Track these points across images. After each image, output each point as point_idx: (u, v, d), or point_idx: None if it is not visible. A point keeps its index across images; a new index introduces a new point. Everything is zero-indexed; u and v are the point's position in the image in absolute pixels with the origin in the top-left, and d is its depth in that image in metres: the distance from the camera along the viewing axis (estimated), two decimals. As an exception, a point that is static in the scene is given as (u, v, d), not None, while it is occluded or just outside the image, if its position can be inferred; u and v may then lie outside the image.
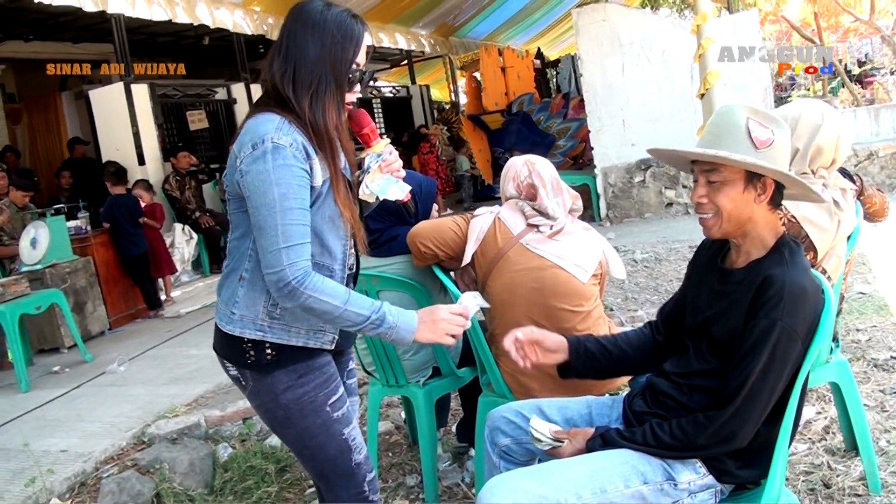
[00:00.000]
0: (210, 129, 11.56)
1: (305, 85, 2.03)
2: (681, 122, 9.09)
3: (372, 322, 2.00)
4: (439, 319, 2.07)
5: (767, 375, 1.95)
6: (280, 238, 1.93)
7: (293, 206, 1.94)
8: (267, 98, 2.09)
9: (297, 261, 1.93)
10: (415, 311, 2.08)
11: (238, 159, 2.00)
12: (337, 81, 2.06)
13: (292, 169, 1.95)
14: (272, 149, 1.94)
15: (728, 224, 2.05)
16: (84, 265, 7.13)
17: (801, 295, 1.95)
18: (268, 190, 1.93)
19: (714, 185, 2.05)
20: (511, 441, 2.45)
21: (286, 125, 1.99)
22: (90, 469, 3.97)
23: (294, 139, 1.97)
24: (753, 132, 2.00)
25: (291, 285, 1.93)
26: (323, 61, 2.04)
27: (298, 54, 2.04)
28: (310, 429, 2.17)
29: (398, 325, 2.02)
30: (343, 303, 1.97)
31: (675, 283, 6.16)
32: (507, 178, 3.17)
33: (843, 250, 2.82)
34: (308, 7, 2.07)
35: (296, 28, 2.06)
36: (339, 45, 2.05)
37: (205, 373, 5.32)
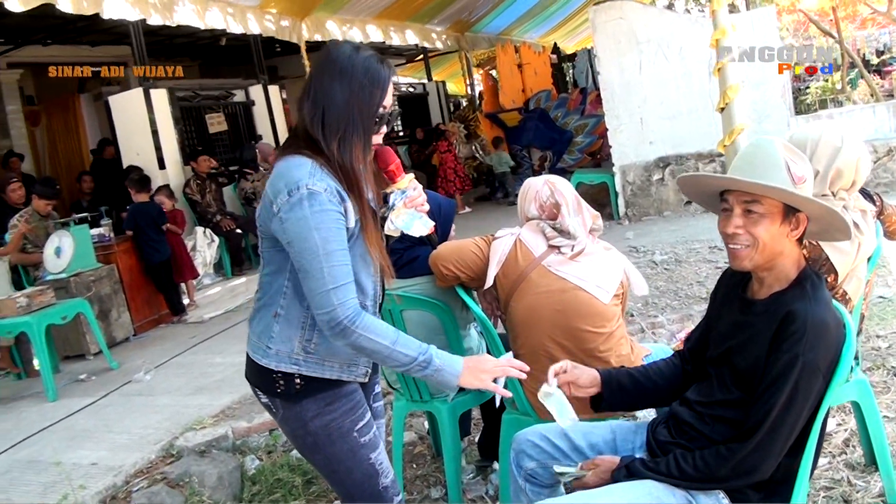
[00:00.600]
0: (229, 131, 11.62)
1: (334, 129, 2.08)
2: (699, 120, 9.07)
3: (419, 364, 2.07)
4: (486, 371, 2.13)
5: (790, 410, 1.98)
6: (327, 280, 2.00)
7: (335, 248, 2.01)
8: (297, 139, 2.15)
9: (345, 300, 2.01)
10: (461, 357, 2.13)
11: (275, 205, 2.05)
12: (364, 125, 2.11)
13: (329, 213, 2.01)
14: (308, 195, 2.00)
15: (761, 256, 2.08)
16: (108, 273, 7.22)
17: (824, 330, 1.98)
18: (309, 235, 2.00)
19: (752, 217, 2.07)
20: (536, 465, 2.50)
21: (318, 170, 2.04)
22: (120, 483, 4.04)
23: (328, 184, 2.03)
24: (792, 168, 2.05)
25: (343, 324, 2.00)
26: (351, 106, 2.09)
27: (327, 99, 2.09)
28: (337, 454, 2.24)
29: (443, 368, 2.08)
30: (392, 343, 2.05)
31: (696, 286, 6.16)
32: (528, 199, 3.19)
33: (863, 272, 2.84)
34: (337, 52, 2.13)
35: (324, 73, 2.11)
36: (367, 90, 2.10)
37: (230, 382, 5.38)
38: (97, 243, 7.39)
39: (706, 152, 9.10)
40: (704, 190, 2.24)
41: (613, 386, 2.40)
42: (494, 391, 2.16)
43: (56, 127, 13.26)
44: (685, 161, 9.26)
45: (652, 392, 2.43)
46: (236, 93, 11.96)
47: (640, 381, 2.43)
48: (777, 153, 2.07)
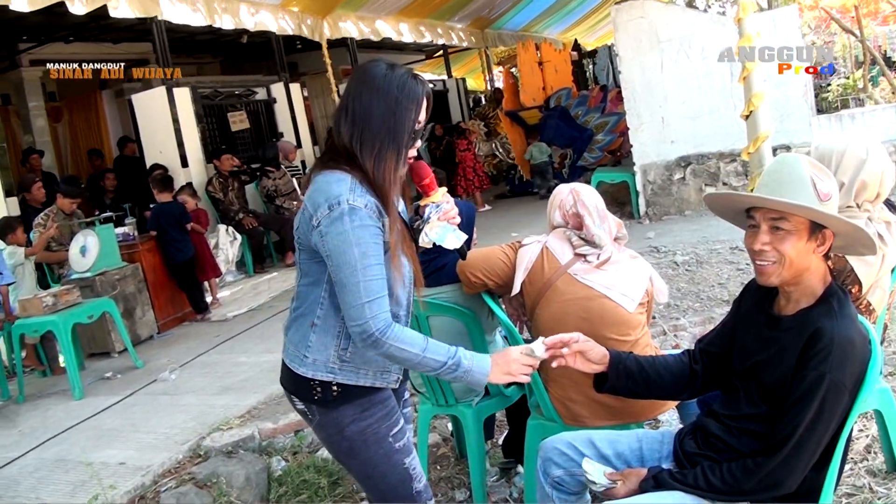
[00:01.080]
0: (251, 129, 11.70)
1: (370, 145, 2.14)
2: (720, 119, 9.04)
3: (448, 367, 2.14)
4: (512, 360, 2.20)
5: (815, 426, 2.01)
6: (362, 293, 2.06)
7: (372, 263, 2.08)
8: (335, 154, 2.20)
9: (378, 314, 2.07)
10: (488, 355, 2.20)
11: (315, 219, 2.11)
12: (399, 140, 2.17)
13: (369, 228, 2.08)
14: (349, 210, 2.06)
15: (788, 272, 2.11)
16: (132, 272, 7.29)
17: (850, 348, 2.01)
18: (348, 250, 2.06)
19: (779, 234, 2.10)
20: (564, 472, 2.54)
21: (358, 186, 2.11)
22: (149, 482, 4.10)
23: (368, 200, 2.09)
24: (818, 185, 2.07)
25: (375, 336, 2.07)
26: (387, 123, 2.14)
27: (364, 116, 2.15)
28: (373, 459, 2.30)
29: (472, 368, 2.15)
30: (422, 350, 2.12)
31: (717, 288, 6.16)
32: (554, 207, 3.23)
33: (887, 283, 2.86)
34: (373, 71, 2.18)
35: (361, 90, 2.17)
36: (403, 107, 2.15)
37: (255, 382, 5.43)
38: (121, 242, 7.46)
39: (727, 152, 9.08)
40: (730, 206, 2.27)
41: (620, 369, 2.43)
42: (522, 381, 2.23)
43: (78, 123, 13.40)
44: (706, 160, 9.25)
45: (656, 383, 2.46)
46: (258, 90, 12.04)
47: (647, 370, 2.46)
48: (803, 170, 2.10)
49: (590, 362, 2.42)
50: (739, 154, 8.82)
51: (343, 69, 14.16)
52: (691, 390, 2.51)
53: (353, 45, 13.51)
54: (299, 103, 12.38)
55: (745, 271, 6.51)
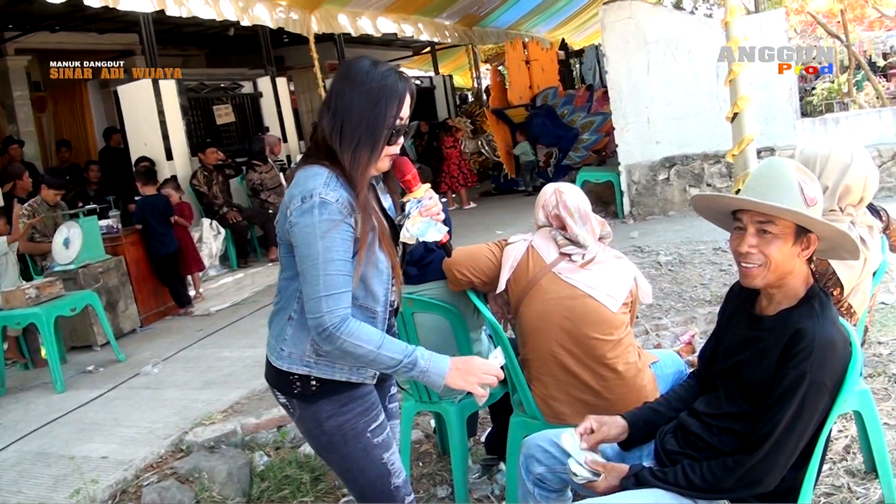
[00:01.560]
0: (237, 122, 11.67)
1: (349, 140, 2.15)
2: (706, 121, 9.09)
3: (404, 366, 2.14)
4: (473, 370, 2.20)
5: (795, 425, 2.03)
6: (321, 287, 2.08)
7: (335, 258, 2.08)
8: (317, 149, 2.22)
9: (335, 308, 2.08)
10: (449, 358, 2.20)
11: (289, 210, 2.14)
12: (377, 136, 2.17)
13: (337, 223, 2.09)
14: (319, 203, 2.08)
15: (772, 274, 2.14)
16: (116, 264, 7.26)
17: (831, 348, 2.03)
18: (313, 242, 2.08)
19: (766, 237, 2.13)
20: (545, 469, 2.56)
21: (333, 180, 2.12)
22: (131, 477, 4.10)
23: (340, 195, 2.11)
24: (805, 190, 2.10)
25: (329, 330, 2.08)
26: (367, 118, 2.16)
27: (345, 111, 2.17)
28: (352, 454, 2.31)
29: (429, 369, 2.15)
30: (377, 347, 2.11)
31: (700, 288, 6.20)
32: (538, 207, 3.24)
33: (868, 286, 2.89)
34: (356, 67, 2.20)
35: (343, 86, 2.19)
36: (384, 104, 2.17)
37: (238, 377, 5.43)
38: (105, 234, 7.42)
39: (712, 153, 9.13)
40: (717, 208, 2.29)
41: (640, 426, 2.46)
42: (476, 395, 2.21)
43: (62, 114, 13.32)
44: (691, 161, 9.30)
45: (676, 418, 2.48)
46: (244, 84, 12.01)
47: (664, 412, 2.48)
48: (791, 175, 2.12)
49: (612, 440, 2.44)
50: (724, 156, 8.87)
51: (330, 64, 14.13)
52: None
53: (340, 39, 13.49)
54: (285, 97, 12.35)
55: (727, 272, 6.56)
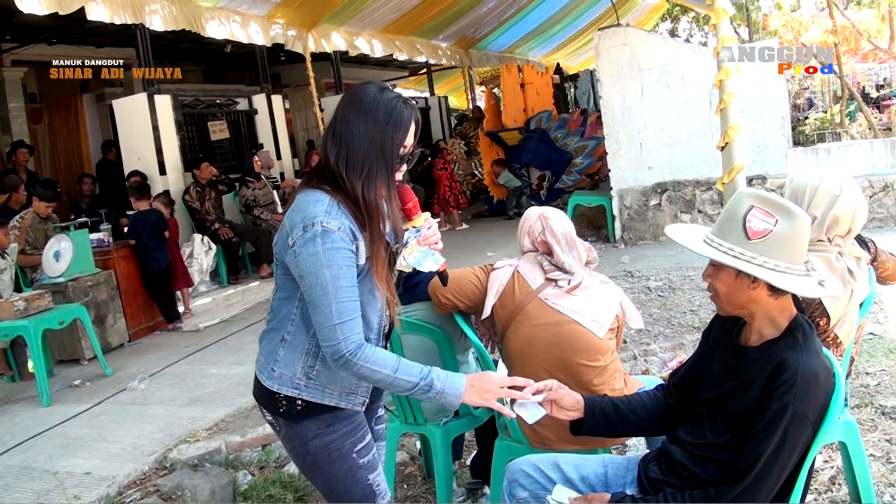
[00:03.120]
0: (230, 139, 11.68)
1: (357, 168, 2.16)
2: (698, 147, 9.14)
3: (420, 388, 2.15)
4: (489, 386, 2.20)
5: (778, 456, 2.03)
6: (334, 315, 2.08)
7: (344, 284, 2.09)
8: (320, 173, 2.22)
9: (349, 335, 2.09)
10: (464, 376, 2.20)
11: (290, 238, 2.13)
12: (387, 164, 2.19)
13: (340, 251, 2.09)
14: (322, 233, 2.08)
15: (727, 305, 2.18)
16: (106, 278, 7.23)
17: (814, 380, 2.03)
18: (320, 271, 2.08)
19: (715, 268, 2.18)
20: (529, 495, 2.55)
21: (335, 208, 2.12)
22: (114, 493, 4.06)
23: (342, 223, 2.11)
24: (749, 223, 2.09)
25: (345, 357, 2.08)
26: (374, 146, 2.17)
27: (351, 138, 2.17)
28: (337, 474, 2.31)
29: (446, 390, 2.16)
30: (393, 371, 2.12)
31: (689, 315, 6.21)
32: (523, 233, 3.25)
33: (855, 317, 2.90)
34: (362, 93, 2.20)
35: (349, 113, 2.19)
36: (390, 131, 2.18)
37: (224, 395, 5.40)
38: (96, 248, 7.39)
39: (704, 180, 9.17)
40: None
41: (596, 412, 2.44)
42: (500, 411, 2.22)
43: (57, 126, 13.30)
44: (683, 188, 9.33)
45: (633, 421, 2.47)
46: (239, 100, 12.03)
47: (623, 410, 2.47)
48: (741, 208, 2.12)
49: (564, 409, 2.41)
50: (715, 183, 8.96)
51: (326, 83, 14.19)
52: (667, 425, 2.52)
53: (336, 58, 13.54)
54: (280, 115, 12.37)
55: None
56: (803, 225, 2.10)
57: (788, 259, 2.08)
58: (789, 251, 2.08)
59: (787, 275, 2.07)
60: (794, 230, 2.08)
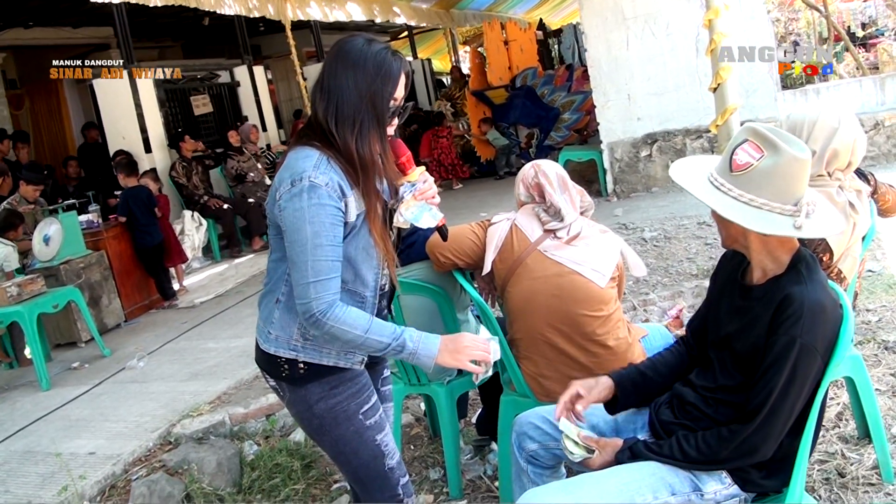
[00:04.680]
0: (214, 113, 11.57)
1: (348, 122, 2.11)
2: (686, 96, 9.07)
3: (392, 349, 2.12)
4: (463, 347, 2.17)
5: (789, 391, 2.00)
6: (309, 273, 2.05)
7: (324, 243, 2.05)
8: (311, 131, 2.17)
9: (322, 294, 2.05)
10: (438, 337, 2.17)
11: (278, 193, 2.10)
12: (378, 117, 2.14)
13: (326, 208, 2.05)
14: (309, 188, 2.04)
15: (724, 236, 2.18)
16: (98, 259, 7.18)
17: (820, 312, 2.00)
18: (301, 227, 2.04)
19: None
20: (539, 446, 2.53)
21: (324, 163, 2.08)
22: (119, 471, 4.06)
23: (330, 178, 2.06)
24: (736, 155, 2.05)
25: (316, 316, 2.05)
26: (363, 99, 2.11)
27: (339, 92, 2.12)
28: (344, 436, 2.29)
29: (418, 351, 2.13)
30: (364, 332, 2.09)
31: (686, 263, 6.19)
32: (518, 183, 3.21)
33: (857, 251, 2.87)
34: (349, 46, 2.14)
35: (336, 66, 2.13)
36: (379, 84, 2.12)
37: (224, 368, 5.38)
38: (86, 230, 7.32)
39: (693, 128, 9.12)
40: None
41: (627, 387, 2.42)
42: (471, 371, 2.19)
43: (39, 111, 13.14)
44: (673, 137, 9.27)
45: (662, 384, 2.44)
46: (221, 74, 11.90)
47: (650, 375, 2.45)
48: (735, 142, 2.08)
49: (600, 401, 2.41)
50: (706, 130, 8.91)
51: (307, 51, 14.02)
52: None
53: (317, 27, 13.37)
54: (263, 86, 12.25)
55: (713, 245, 6.55)
56: (788, 162, 1.99)
57: (771, 195, 2.00)
58: (772, 187, 2.01)
59: (759, 210, 2.01)
60: (776, 166, 1.99)
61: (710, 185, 2.09)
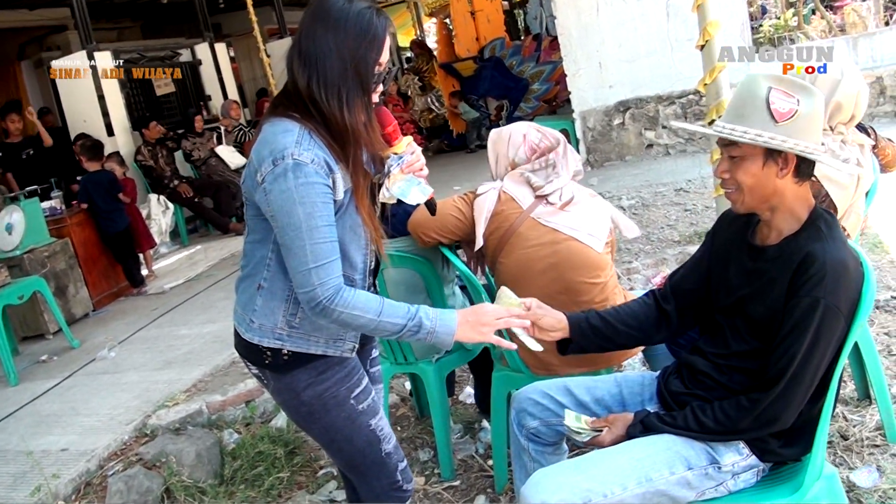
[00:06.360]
0: (177, 93, 11.32)
1: (333, 91, 1.93)
2: (658, 61, 8.95)
3: (409, 329, 1.96)
4: (484, 320, 2.03)
5: (812, 355, 1.89)
6: (309, 258, 1.88)
7: (319, 223, 1.89)
8: (287, 99, 1.99)
9: (326, 279, 1.89)
10: (455, 311, 2.02)
11: (259, 174, 1.91)
12: (363, 85, 1.96)
13: (315, 186, 1.88)
14: (293, 166, 1.86)
15: (751, 199, 1.99)
16: (62, 247, 6.93)
17: (844, 271, 1.89)
18: (292, 209, 1.87)
19: (734, 161, 1.99)
20: (539, 423, 2.40)
21: (306, 137, 1.90)
22: (94, 468, 3.88)
23: (315, 155, 1.89)
24: (773, 104, 1.92)
25: (323, 304, 1.89)
26: (346, 64, 1.93)
27: (320, 55, 1.93)
28: (335, 423, 2.14)
29: (436, 329, 1.98)
30: (377, 315, 1.94)
31: (667, 230, 6.11)
32: (515, 145, 3.00)
33: (861, 207, 2.78)
34: (328, 3, 1.94)
35: (316, 27, 1.94)
36: (364, 48, 1.94)
37: (199, 355, 5.21)
38: (49, 217, 7.06)
39: (665, 94, 9.01)
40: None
41: (583, 327, 2.29)
42: (498, 344, 2.07)
43: (-4, 94, 12.78)
44: (645, 104, 9.16)
45: (624, 332, 2.33)
46: (182, 52, 11.63)
47: (611, 322, 2.32)
48: (759, 90, 1.95)
49: (545, 330, 2.25)
50: (678, 96, 8.83)
51: (269, 29, 13.73)
52: (666, 331, 2.37)
53: (279, 3, 13.11)
54: (226, 64, 11.98)
55: (692, 211, 6.48)
56: (821, 101, 1.95)
57: (813, 140, 1.93)
58: (812, 131, 1.93)
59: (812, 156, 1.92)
60: (815, 107, 1.93)
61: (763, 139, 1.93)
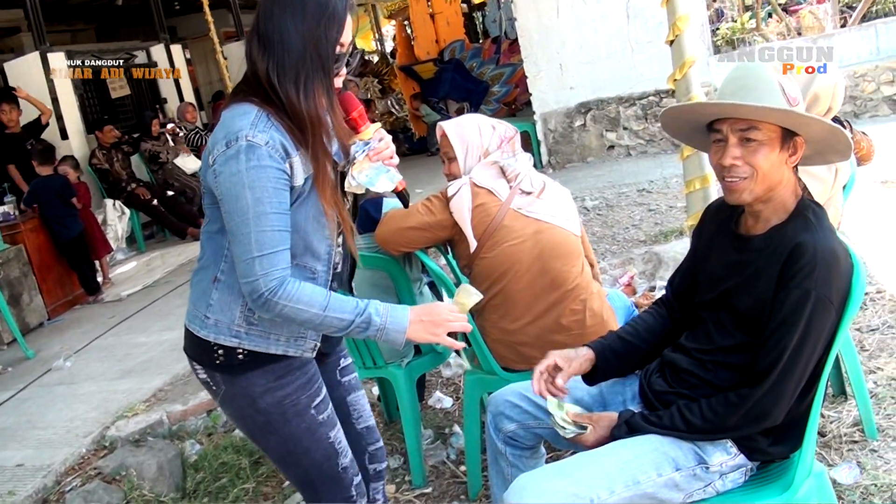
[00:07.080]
0: (132, 95, 11.14)
1: (291, 74, 1.84)
2: (618, 63, 8.97)
3: (357, 326, 1.87)
4: (438, 320, 1.92)
5: (803, 348, 1.84)
6: (253, 247, 1.78)
7: (268, 210, 1.78)
8: (246, 85, 1.89)
9: (270, 270, 1.79)
10: (408, 308, 1.93)
11: (211, 156, 1.82)
12: (324, 67, 1.86)
13: (267, 170, 1.78)
14: (246, 148, 1.77)
15: (760, 187, 1.91)
16: (16, 254, 6.72)
17: (834, 261, 1.84)
18: (240, 194, 1.77)
19: (751, 146, 1.90)
20: (517, 426, 2.33)
21: (263, 120, 1.81)
22: (51, 483, 3.71)
23: (271, 136, 1.79)
24: (786, 90, 1.89)
25: (265, 296, 1.79)
26: (306, 46, 1.84)
27: (279, 38, 1.84)
28: (294, 434, 2.03)
29: (386, 326, 1.88)
30: (323, 309, 1.83)
31: (632, 230, 6.10)
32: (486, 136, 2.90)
33: (840, 200, 2.77)
34: None
35: (273, 7, 1.85)
36: (323, 27, 1.84)
37: (158, 363, 5.07)
38: (2, 223, 6.87)
39: (626, 95, 9.04)
40: (690, 122, 2.05)
41: (608, 357, 2.21)
42: (450, 346, 1.98)
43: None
44: (606, 105, 9.18)
45: (645, 350, 2.25)
46: (138, 54, 11.42)
47: (632, 341, 2.24)
48: (770, 75, 1.91)
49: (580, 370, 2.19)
50: (639, 97, 8.85)
51: (226, 31, 13.55)
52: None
53: (236, 5, 12.95)
54: (182, 66, 11.79)
55: (656, 211, 6.50)
56: None
57: None
58: None
59: None
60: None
61: None
